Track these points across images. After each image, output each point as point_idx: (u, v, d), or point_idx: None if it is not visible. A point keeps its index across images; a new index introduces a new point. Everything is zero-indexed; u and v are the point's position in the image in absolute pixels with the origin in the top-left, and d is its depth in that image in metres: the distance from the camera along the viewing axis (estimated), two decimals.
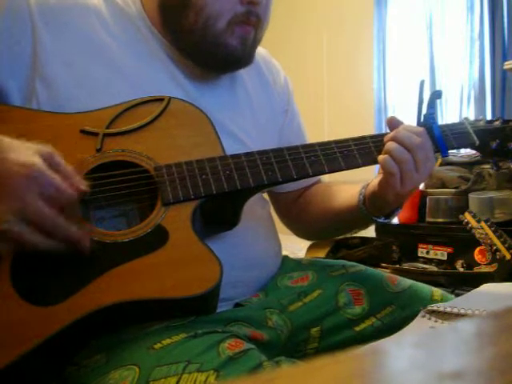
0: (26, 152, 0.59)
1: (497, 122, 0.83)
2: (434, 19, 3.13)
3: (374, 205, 0.82)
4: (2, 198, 0.57)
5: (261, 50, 1.01)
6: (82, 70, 0.75)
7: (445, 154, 0.80)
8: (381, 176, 0.78)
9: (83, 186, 0.62)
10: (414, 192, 0.81)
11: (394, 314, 0.85)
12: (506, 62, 2.46)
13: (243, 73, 0.92)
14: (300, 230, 1.03)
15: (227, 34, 0.79)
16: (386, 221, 0.85)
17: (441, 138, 0.80)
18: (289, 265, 0.92)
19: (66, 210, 0.60)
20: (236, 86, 0.91)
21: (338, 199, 0.91)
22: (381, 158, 0.76)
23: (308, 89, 3.31)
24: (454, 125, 0.83)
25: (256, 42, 0.84)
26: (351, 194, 0.86)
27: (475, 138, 0.82)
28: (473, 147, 0.85)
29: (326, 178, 0.91)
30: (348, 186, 0.90)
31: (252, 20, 0.80)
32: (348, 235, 1.84)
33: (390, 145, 0.76)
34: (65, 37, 0.76)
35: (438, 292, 0.89)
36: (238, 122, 0.86)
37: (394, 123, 0.80)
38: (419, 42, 3.19)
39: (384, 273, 0.94)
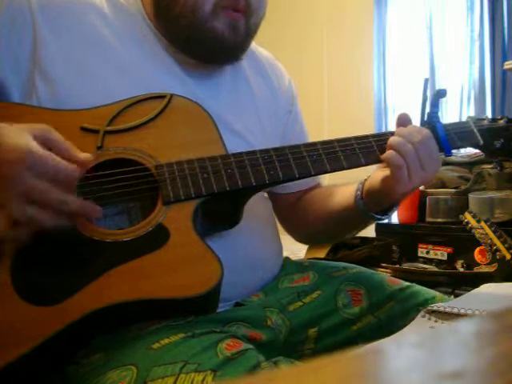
0: (17, 134, 0.58)
1: (501, 121, 0.83)
2: (433, 19, 3.13)
3: (373, 200, 0.81)
4: (2, 188, 0.57)
5: (265, 53, 1.01)
6: (82, 67, 0.75)
7: (448, 154, 0.79)
8: (383, 172, 0.77)
9: (82, 157, 0.62)
10: (414, 191, 0.80)
11: (392, 310, 0.84)
12: (506, 62, 2.46)
13: (247, 72, 0.92)
14: (299, 234, 1.03)
15: (213, 18, 0.78)
16: (384, 217, 0.84)
17: (444, 138, 0.79)
18: (290, 267, 0.92)
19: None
20: (239, 84, 0.91)
21: (335, 199, 0.90)
22: (385, 154, 0.76)
23: (308, 89, 3.31)
24: (457, 124, 0.83)
25: (249, 30, 0.82)
26: (349, 192, 0.86)
27: (479, 137, 0.81)
28: (476, 146, 0.84)
29: (326, 177, 0.91)
30: (346, 186, 0.89)
31: (241, 4, 0.79)
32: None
33: (393, 140, 0.76)
34: (65, 33, 0.76)
35: (437, 294, 0.89)
36: (241, 120, 0.86)
37: (402, 120, 0.80)
38: (419, 42, 3.19)
39: (385, 275, 0.93)
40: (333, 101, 3.52)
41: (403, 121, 0.80)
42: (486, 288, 0.81)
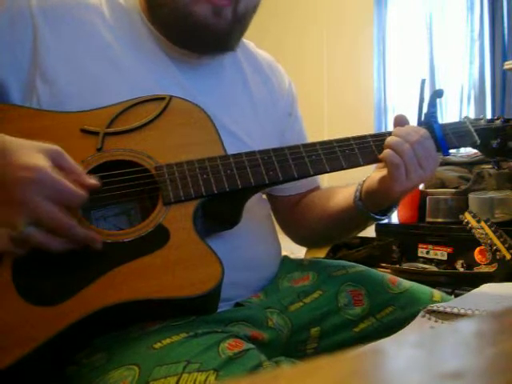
0: (31, 153, 0.58)
1: (497, 121, 0.83)
2: (433, 19, 3.12)
3: (372, 201, 0.81)
4: (11, 205, 0.57)
5: (265, 55, 1.00)
6: (82, 68, 0.75)
7: (446, 153, 0.80)
8: (381, 172, 0.78)
9: (93, 181, 0.62)
10: (414, 191, 0.81)
11: (394, 314, 0.85)
12: (506, 62, 2.46)
13: (246, 73, 0.92)
14: (299, 236, 1.02)
15: (193, 2, 0.76)
16: (383, 217, 0.85)
17: (442, 137, 0.80)
18: (289, 265, 0.92)
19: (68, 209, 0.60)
20: (238, 85, 0.91)
21: (334, 201, 0.90)
22: (382, 153, 0.76)
23: (308, 89, 3.30)
24: (455, 124, 0.83)
25: (238, 16, 0.80)
26: (348, 194, 0.86)
27: (476, 137, 0.82)
28: (474, 146, 0.85)
29: (325, 177, 0.91)
30: (345, 188, 0.90)
31: None
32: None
33: (390, 139, 0.76)
34: (65, 35, 0.76)
35: (437, 293, 0.89)
36: (238, 122, 0.86)
37: (399, 121, 0.81)
38: (419, 42, 3.19)
39: (384, 274, 0.94)
40: (333, 101, 3.52)
41: (400, 121, 0.81)
42: (486, 288, 0.81)
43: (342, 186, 0.92)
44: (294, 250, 1.90)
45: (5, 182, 0.57)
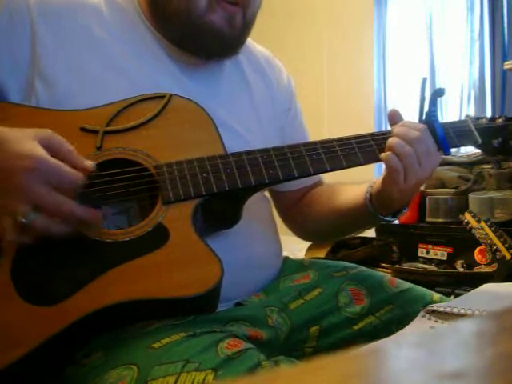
0: (25, 142, 0.59)
1: (499, 120, 0.83)
2: (433, 19, 3.13)
3: (380, 203, 0.82)
4: (10, 194, 0.57)
5: (263, 50, 1.00)
6: (81, 68, 0.75)
7: (447, 152, 0.80)
8: (385, 173, 0.78)
9: (88, 164, 0.63)
10: (415, 190, 0.81)
11: (393, 312, 0.85)
12: (506, 62, 2.46)
13: (245, 70, 0.92)
14: (303, 231, 1.03)
15: (209, 12, 0.78)
16: (393, 219, 0.85)
17: (443, 136, 0.79)
18: (290, 266, 0.91)
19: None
20: (237, 83, 0.91)
21: (342, 198, 0.90)
22: (384, 155, 0.76)
23: (308, 89, 3.30)
24: (456, 123, 0.83)
25: (247, 22, 0.82)
26: (357, 193, 0.86)
27: (478, 136, 0.82)
28: (475, 145, 0.84)
29: (326, 176, 0.91)
30: (353, 185, 0.90)
31: None
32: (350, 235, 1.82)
33: (392, 140, 0.76)
34: (64, 34, 0.76)
35: (436, 295, 0.89)
36: (239, 119, 0.86)
37: (394, 117, 0.81)
38: (419, 42, 3.19)
39: (384, 275, 0.94)
40: (333, 101, 3.52)
41: (394, 118, 0.81)
42: (486, 288, 0.81)
43: (347, 183, 0.92)
44: (294, 250, 1.90)
45: (2, 172, 0.57)
